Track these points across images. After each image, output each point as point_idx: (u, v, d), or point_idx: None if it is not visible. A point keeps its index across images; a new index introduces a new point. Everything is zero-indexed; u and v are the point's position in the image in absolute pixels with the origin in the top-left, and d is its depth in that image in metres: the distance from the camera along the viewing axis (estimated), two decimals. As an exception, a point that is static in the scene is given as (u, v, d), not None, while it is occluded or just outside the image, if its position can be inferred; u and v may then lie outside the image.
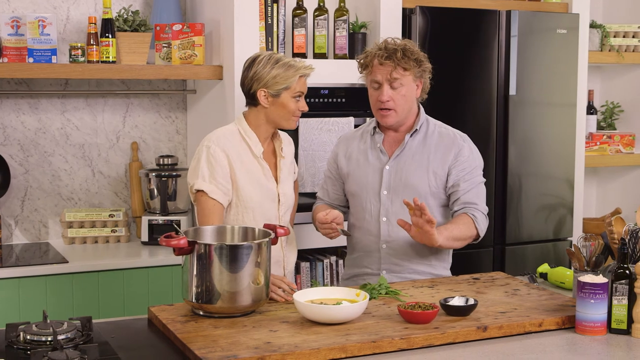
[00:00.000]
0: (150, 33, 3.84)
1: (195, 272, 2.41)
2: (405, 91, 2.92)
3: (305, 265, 3.91)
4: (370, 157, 3.04)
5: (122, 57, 3.77)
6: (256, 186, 2.93)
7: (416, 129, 3.00)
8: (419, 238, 2.78)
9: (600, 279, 2.38)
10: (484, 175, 3.05)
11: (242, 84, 2.96)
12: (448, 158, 2.97)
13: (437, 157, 2.97)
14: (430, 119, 3.08)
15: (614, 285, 2.38)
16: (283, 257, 3.01)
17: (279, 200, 2.98)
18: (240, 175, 2.91)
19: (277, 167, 3.01)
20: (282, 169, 3.01)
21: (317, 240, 3.82)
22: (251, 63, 2.93)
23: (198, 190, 2.88)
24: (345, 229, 3.05)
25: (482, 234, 2.96)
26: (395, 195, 2.97)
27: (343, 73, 3.86)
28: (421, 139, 3.01)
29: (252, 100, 2.94)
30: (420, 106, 3.06)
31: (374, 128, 3.07)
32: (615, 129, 5.05)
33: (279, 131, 3.07)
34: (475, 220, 2.91)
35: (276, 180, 2.99)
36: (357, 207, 3.06)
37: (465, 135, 3.05)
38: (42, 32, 3.61)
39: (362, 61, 2.99)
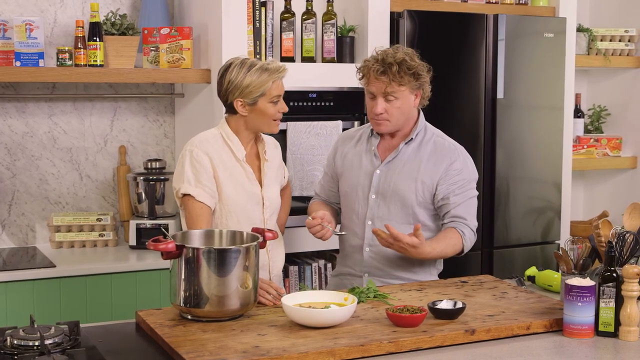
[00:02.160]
0: (138, 37, 3.84)
1: (183, 276, 2.40)
2: (400, 104, 2.88)
3: (293, 268, 3.91)
4: (363, 159, 3.04)
5: (109, 60, 3.76)
6: (240, 190, 2.93)
7: (412, 138, 2.97)
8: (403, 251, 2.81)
9: (587, 281, 2.39)
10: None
11: (219, 95, 2.95)
12: (439, 169, 2.94)
13: (427, 167, 2.95)
14: (429, 126, 3.04)
15: (601, 288, 2.39)
16: (269, 261, 3.00)
17: (263, 203, 2.98)
18: (223, 179, 2.90)
19: (261, 171, 3.00)
20: (267, 172, 3.01)
21: (305, 243, 3.82)
22: (224, 73, 2.91)
23: (184, 195, 2.87)
24: (337, 229, 3.06)
25: (466, 250, 2.95)
26: (382, 200, 2.97)
27: (331, 77, 3.87)
28: (415, 147, 2.98)
29: (230, 109, 2.94)
30: (421, 112, 3.03)
31: (372, 130, 3.05)
32: (602, 133, 5.07)
33: (265, 135, 3.06)
34: (463, 237, 2.90)
35: (260, 183, 2.98)
36: (346, 207, 3.07)
37: (461, 148, 3.01)
38: (29, 35, 3.60)
39: (360, 71, 2.95)
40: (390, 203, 2.94)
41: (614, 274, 2.38)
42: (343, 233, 3.03)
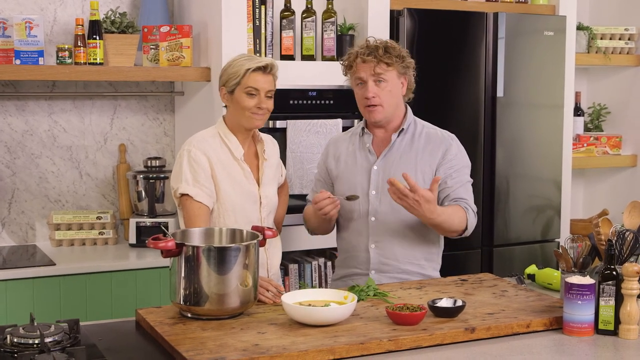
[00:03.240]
0: (138, 35, 3.84)
1: (183, 274, 2.40)
2: (390, 87, 2.93)
3: (293, 267, 3.91)
4: (358, 157, 3.04)
5: (109, 58, 3.76)
6: (237, 189, 2.93)
7: (403, 129, 3.00)
8: (413, 211, 2.79)
9: (587, 280, 2.39)
10: (472, 176, 3.06)
11: None
12: (436, 157, 2.97)
13: (424, 157, 2.98)
14: (419, 120, 3.08)
15: (601, 286, 2.39)
16: (266, 259, 3.00)
17: (260, 202, 2.97)
18: (221, 178, 2.90)
19: (259, 170, 3.00)
20: (265, 171, 3.01)
21: (305, 241, 3.82)
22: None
23: (182, 195, 2.87)
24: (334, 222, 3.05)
25: (469, 229, 2.95)
26: (383, 195, 2.97)
27: (331, 75, 3.86)
28: (409, 140, 3.01)
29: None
30: (408, 106, 3.07)
31: (363, 129, 3.07)
32: (602, 131, 5.07)
33: (262, 134, 3.06)
34: (467, 213, 2.92)
35: (258, 182, 2.98)
36: (345, 207, 3.06)
37: (453, 136, 3.06)
38: (29, 33, 3.59)
39: (345, 62, 3.00)
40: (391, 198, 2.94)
41: (614, 272, 2.38)
42: (356, 196, 2.96)
